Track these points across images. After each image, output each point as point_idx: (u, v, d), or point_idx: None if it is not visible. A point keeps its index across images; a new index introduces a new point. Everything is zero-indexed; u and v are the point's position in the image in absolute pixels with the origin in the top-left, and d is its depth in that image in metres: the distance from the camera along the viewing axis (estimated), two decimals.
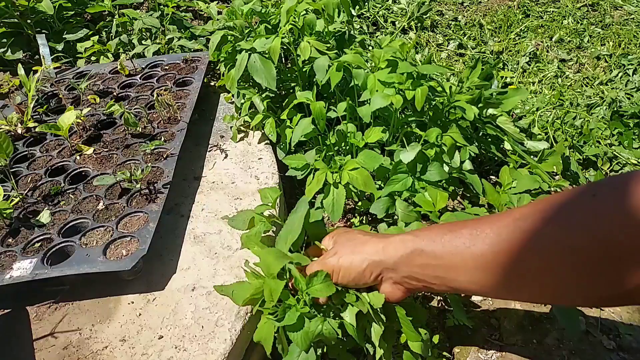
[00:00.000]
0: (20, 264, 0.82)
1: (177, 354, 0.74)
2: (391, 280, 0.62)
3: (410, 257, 0.57)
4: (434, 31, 2.11)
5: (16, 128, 1.14)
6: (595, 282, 0.42)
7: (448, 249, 0.53)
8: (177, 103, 1.16)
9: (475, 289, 0.53)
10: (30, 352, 0.75)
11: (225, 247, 0.91)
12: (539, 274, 0.46)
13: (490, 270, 0.49)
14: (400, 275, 0.60)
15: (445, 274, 0.54)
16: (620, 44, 1.94)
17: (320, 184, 0.88)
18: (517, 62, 1.87)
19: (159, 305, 0.81)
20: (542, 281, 0.46)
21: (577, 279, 0.43)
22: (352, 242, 0.65)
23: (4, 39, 1.56)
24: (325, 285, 0.61)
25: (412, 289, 0.61)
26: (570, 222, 0.43)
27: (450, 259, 0.53)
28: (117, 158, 1.04)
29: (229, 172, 1.08)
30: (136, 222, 0.89)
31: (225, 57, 1.16)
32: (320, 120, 0.94)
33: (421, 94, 0.85)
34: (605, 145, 1.37)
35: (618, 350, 0.82)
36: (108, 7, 1.61)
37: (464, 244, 0.51)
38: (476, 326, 0.91)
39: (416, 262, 0.57)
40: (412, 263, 0.57)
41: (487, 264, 0.49)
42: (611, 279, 0.41)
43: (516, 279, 0.48)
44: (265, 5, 1.22)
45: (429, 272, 0.56)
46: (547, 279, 0.45)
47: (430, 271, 0.56)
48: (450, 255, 0.53)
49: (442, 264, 0.54)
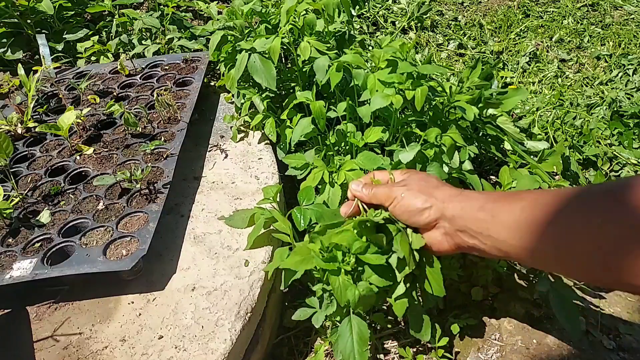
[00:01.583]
0: (20, 264, 0.82)
1: (177, 354, 0.74)
2: (443, 230, 0.62)
3: (471, 212, 0.58)
4: (434, 31, 2.11)
5: (16, 128, 1.14)
6: None
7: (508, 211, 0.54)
8: (177, 103, 1.16)
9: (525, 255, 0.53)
10: (30, 352, 0.75)
11: (225, 247, 0.91)
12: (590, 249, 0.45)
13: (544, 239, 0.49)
14: (455, 228, 0.60)
15: (498, 235, 0.54)
16: (620, 44, 1.94)
17: (316, 181, 0.88)
18: (517, 62, 1.87)
19: (159, 305, 0.81)
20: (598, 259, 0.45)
21: None
22: (425, 182, 0.66)
23: (4, 39, 1.56)
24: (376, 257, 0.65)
25: (460, 245, 0.61)
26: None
27: (508, 220, 0.53)
28: (117, 158, 1.04)
29: (229, 172, 1.08)
30: (136, 222, 0.89)
31: (225, 57, 1.16)
32: (320, 120, 0.94)
33: (421, 94, 0.85)
34: (605, 145, 1.37)
35: (618, 350, 0.82)
36: (108, 7, 1.61)
37: (523, 208, 0.52)
38: (476, 326, 0.91)
39: (475, 217, 0.57)
40: (471, 217, 0.58)
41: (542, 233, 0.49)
42: None
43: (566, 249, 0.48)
44: (265, 5, 1.22)
45: (484, 231, 0.56)
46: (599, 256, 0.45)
47: (485, 229, 0.56)
48: (508, 217, 0.53)
49: (498, 224, 0.54)
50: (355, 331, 0.71)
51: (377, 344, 0.93)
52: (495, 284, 0.97)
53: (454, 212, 0.60)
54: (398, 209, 0.65)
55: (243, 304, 0.81)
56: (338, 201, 0.88)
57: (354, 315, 0.72)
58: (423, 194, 0.63)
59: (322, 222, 0.82)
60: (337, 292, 0.67)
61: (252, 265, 0.87)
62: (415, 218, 0.64)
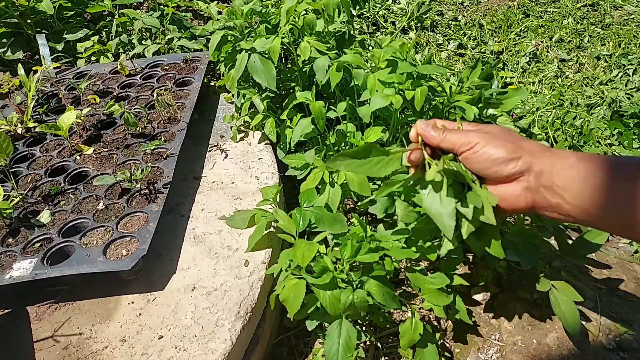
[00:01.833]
0: (20, 264, 0.82)
1: (177, 354, 0.74)
2: (526, 184, 0.58)
3: (562, 169, 0.55)
4: (434, 31, 2.11)
5: (16, 128, 1.14)
6: None
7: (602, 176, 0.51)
8: (177, 103, 1.16)
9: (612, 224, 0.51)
10: (30, 352, 0.75)
11: (225, 247, 0.91)
12: None
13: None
14: (539, 184, 0.56)
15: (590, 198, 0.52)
16: (620, 44, 1.94)
17: (316, 182, 0.88)
18: (517, 62, 1.87)
19: (159, 305, 0.81)
20: None
21: None
22: (511, 134, 0.61)
23: (4, 39, 1.56)
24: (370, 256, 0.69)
25: (539, 203, 0.57)
26: None
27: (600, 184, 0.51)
28: (117, 158, 1.04)
29: (229, 172, 1.08)
30: (136, 222, 0.89)
31: (225, 57, 1.16)
32: (319, 120, 0.94)
33: (421, 94, 0.85)
34: (605, 145, 1.37)
35: (618, 350, 0.82)
36: (108, 7, 1.61)
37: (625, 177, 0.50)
38: (476, 326, 0.91)
39: (565, 174, 0.54)
40: (560, 174, 0.54)
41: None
42: None
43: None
44: (265, 5, 1.22)
45: (573, 190, 0.53)
46: None
47: (574, 189, 0.53)
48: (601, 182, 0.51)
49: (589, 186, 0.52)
50: (343, 336, 0.71)
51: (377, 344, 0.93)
52: (495, 284, 0.97)
53: (543, 167, 0.56)
54: (478, 156, 0.59)
55: (243, 304, 0.81)
56: (338, 201, 0.87)
57: (345, 320, 0.72)
58: (510, 143, 0.59)
59: (322, 224, 0.82)
60: (328, 307, 0.69)
61: (252, 265, 0.87)
62: (498, 168, 0.58)
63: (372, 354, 0.91)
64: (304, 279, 0.71)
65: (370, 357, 0.90)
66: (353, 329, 0.71)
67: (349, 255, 0.72)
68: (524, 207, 0.58)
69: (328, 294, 0.69)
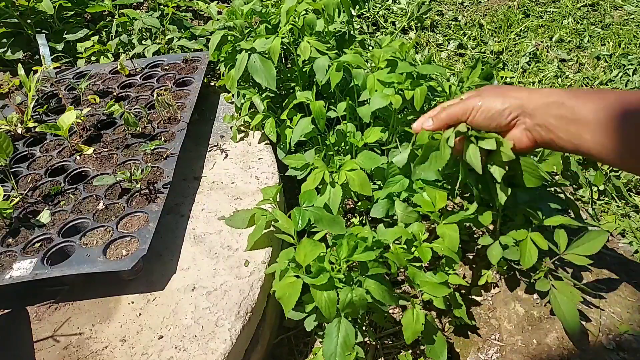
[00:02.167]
0: (20, 264, 0.82)
1: (177, 354, 0.74)
2: (524, 126, 0.65)
3: (550, 106, 0.61)
4: (434, 31, 2.11)
5: (16, 128, 1.14)
6: None
7: (587, 106, 0.57)
8: (177, 103, 1.16)
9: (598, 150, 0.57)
10: (30, 352, 0.75)
11: (225, 247, 0.91)
12: None
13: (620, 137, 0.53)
14: (534, 122, 0.63)
15: (575, 130, 0.58)
16: (620, 44, 1.94)
17: (317, 182, 0.88)
18: (517, 62, 1.87)
19: (159, 305, 0.81)
20: None
21: None
22: (499, 88, 0.69)
23: (4, 39, 1.56)
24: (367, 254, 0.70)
25: (539, 140, 0.65)
26: None
27: (586, 116, 0.57)
28: (117, 158, 1.04)
29: (229, 172, 1.08)
30: (136, 222, 0.89)
31: (225, 57, 1.16)
32: (320, 120, 0.94)
33: (420, 93, 0.85)
34: None
35: (618, 350, 0.82)
36: (108, 7, 1.61)
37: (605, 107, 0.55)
38: (476, 326, 0.91)
39: (554, 112, 0.61)
40: (550, 112, 0.61)
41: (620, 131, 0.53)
42: None
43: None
44: (265, 5, 1.22)
45: (562, 125, 0.60)
46: None
47: (563, 124, 0.60)
48: (586, 113, 0.57)
49: (575, 119, 0.58)
50: (342, 334, 0.71)
51: (377, 344, 0.93)
52: (495, 284, 0.97)
53: (535, 106, 0.63)
54: (478, 117, 0.68)
55: (243, 304, 0.81)
56: (339, 202, 0.87)
57: (344, 318, 0.72)
58: (500, 96, 0.66)
59: (321, 225, 0.82)
60: (323, 309, 0.69)
61: (252, 265, 0.87)
62: (497, 120, 0.66)
63: (372, 354, 0.91)
64: (301, 278, 0.71)
65: (370, 357, 0.90)
66: (352, 327, 0.71)
67: (345, 254, 0.72)
68: (529, 145, 0.66)
69: (324, 295, 0.69)
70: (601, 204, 1.25)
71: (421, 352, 0.90)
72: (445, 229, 0.80)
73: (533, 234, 0.80)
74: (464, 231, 1.02)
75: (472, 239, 1.03)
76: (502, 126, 0.67)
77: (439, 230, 0.81)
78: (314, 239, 0.75)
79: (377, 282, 0.72)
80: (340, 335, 0.71)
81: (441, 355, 0.78)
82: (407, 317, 0.76)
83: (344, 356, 0.70)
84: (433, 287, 0.78)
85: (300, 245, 0.74)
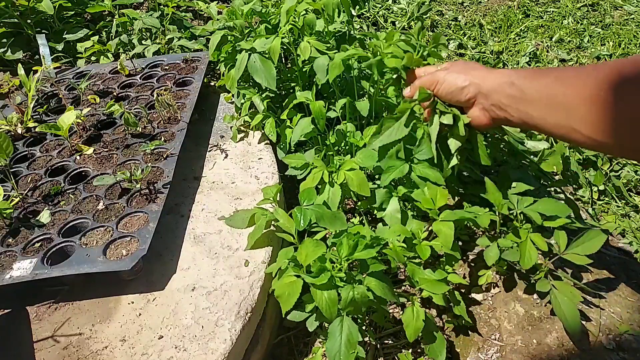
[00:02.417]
0: (20, 264, 0.82)
1: (177, 354, 0.74)
2: (481, 106, 0.70)
3: (502, 87, 0.66)
4: (434, 31, 2.11)
5: (16, 128, 1.14)
6: None
7: (533, 86, 0.62)
8: (177, 103, 1.16)
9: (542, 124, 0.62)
10: (30, 352, 0.75)
11: (225, 247, 0.91)
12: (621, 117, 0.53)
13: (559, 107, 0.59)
14: (490, 103, 0.68)
15: (524, 108, 0.63)
16: (620, 44, 1.94)
17: (316, 182, 0.88)
18: (517, 62, 1.87)
19: (159, 305, 0.81)
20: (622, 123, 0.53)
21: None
22: (465, 65, 0.74)
23: (4, 39, 1.56)
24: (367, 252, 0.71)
25: (495, 118, 0.70)
26: None
27: (532, 94, 0.62)
28: (117, 158, 1.04)
29: (229, 172, 1.08)
30: (136, 222, 0.89)
31: (225, 57, 1.16)
32: (319, 120, 0.94)
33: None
34: None
35: (618, 350, 0.81)
36: (108, 7, 1.61)
37: (546, 85, 0.60)
38: (476, 326, 0.91)
39: (506, 92, 0.65)
40: (503, 92, 0.66)
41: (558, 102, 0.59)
42: None
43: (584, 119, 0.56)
44: (265, 5, 1.22)
45: (512, 104, 0.65)
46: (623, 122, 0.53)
47: (514, 103, 0.64)
48: (532, 92, 0.62)
49: (524, 98, 0.63)
50: (345, 333, 0.71)
51: (377, 344, 0.93)
52: (495, 284, 0.97)
53: (490, 87, 0.68)
54: (442, 90, 0.73)
55: (243, 304, 0.81)
56: (338, 201, 0.87)
57: (347, 317, 0.72)
58: (462, 74, 0.71)
59: (322, 222, 0.82)
60: (324, 309, 0.69)
61: (252, 265, 0.87)
62: (457, 97, 0.72)
63: (372, 354, 0.91)
64: (302, 278, 0.71)
65: (370, 357, 0.90)
66: (354, 325, 0.72)
67: (346, 253, 0.72)
68: (487, 123, 0.71)
69: (325, 294, 0.69)
70: (601, 204, 1.25)
71: (421, 352, 0.90)
72: (442, 226, 0.80)
73: (533, 234, 0.80)
74: (464, 231, 1.02)
75: (472, 239, 1.03)
76: (461, 102, 0.72)
77: (435, 227, 0.81)
78: (314, 239, 0.75)
79: (378, 279, 0.72)
80: (343, 333, 0.71)
81: (440, 354, 0.78)
82: (407, 314, 0.76)
83: (349, 355, 0.70)
84: (432, 284, 0.78)
85: (302, 245, 0.74)
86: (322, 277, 0.69)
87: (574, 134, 0.59)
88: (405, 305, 0.97)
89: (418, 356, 0.89)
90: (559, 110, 0.59)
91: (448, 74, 0.73)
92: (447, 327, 0.93)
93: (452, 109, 0.75)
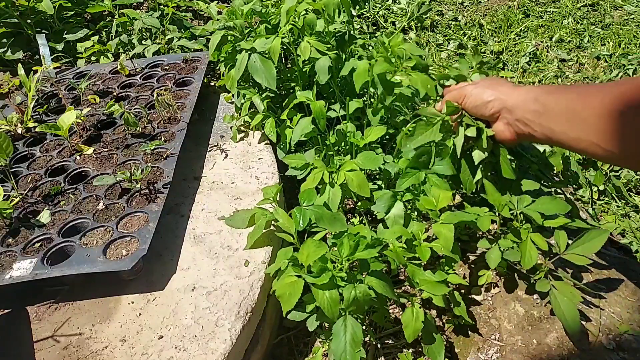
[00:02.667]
0: (20, 264, 0.82)
1: (177, 354, 0.74)
2: (505, 121, 0.72)
3: (526, 103, 0.68)
4: (434, 31, 2.11)
5: (16, 128, 1.14)
6: None
7: (555, 101, 0.64)
8: (177, 103, 1.16)
9: (564, 139, 0.63)
10: (30, 352, 0.75)
11: (225, 247, 0.91)
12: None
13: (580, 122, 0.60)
14: (514, 118, 0.70)
15: (546, 123, 0.65)
16: (620, 44, 1.94)
17: (316, 182, 0.88)
18: (517, 62, 1.87)
19: (159, 305, 0.81)
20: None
21: None
22: (492, 81, 0.76)
23: (4, 39, 1.56)
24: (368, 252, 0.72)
25: (519, 133, 0.71)
26: None
27: (554, 109, 0.64)
28: (117, 158, 1.04)
29: (229, 172, 1.08)
30: (136, 222, 0.89)
31: (225, 57, 1.16)
32: (320, 120, 0.94)
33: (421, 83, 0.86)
34: None
35: (618, 350, 0.81)
36: (108, 7, 1.61)
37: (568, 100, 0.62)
38: (476, 326, 0.91)
39: (530, 108, 0.67)
40: (527, 108, 0.67)
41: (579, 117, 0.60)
42: None
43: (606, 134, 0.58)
44: (265, 5, 1.22)
45: (536, 119, 0.66)
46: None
47: (537, 118, 0.66)
48: (554, 106, 0.64)
49: (546, 113, 0.64)
50: (349, 332, 0.71)
51: (377, 344, 0.93)
52: (495, 284, 0.97)
53: (514, 103, 0.69)
54: (469, 103, 0.76)
55: (243, 304, 0.81)
56: (338, 201, 0.87)
57: (349, 316, 0.72)
58: (489, 89, 0.73)
59: (322, 223, 0.82)
60: (326, 309, 0.69)
61: (252, 265, 0.87)
62: (482, 110, 0.74)
63: (372, 354, 0.91)
64: (303, 278, 0.71)
65: (370, 357, 0.90)
66: (358, 324, 0.72)
67: (347, 253, 0.72)
68: (511, 138, 0.73)
69: (326, 294, 0.69)
70: (601, 204, 1.25)
71: (421, 351, 0.90)
72: (442, 228, 0.80)
73: (533, 234, 0.80)
74: (465, 231, 1.02)
75: (472, 240, 1.03)
76: (486, 116, 0.74)
77: (435, 229, 0.81)
78: (315, 239, 0.75)
79: (379, 278, 0.72)
80: (348, 333, 0.71)
81: (439, 355, 0.78)
82: (407, 315, 0.76)
83: (354, 353, 0.70)
84: (432, 285, 0.78)
85: (303, 245, 0.74)
86: (324, 277, 0.69)
87: (594, 148, 0.60)
88: (405, 305, 0.97)
89: (418, 356, 0.89)
90: (580, 124, 0.60)
91: (475, 88, 0.75)
92: (447, 327, 0.93)
93: (477, 122, 0.76)
